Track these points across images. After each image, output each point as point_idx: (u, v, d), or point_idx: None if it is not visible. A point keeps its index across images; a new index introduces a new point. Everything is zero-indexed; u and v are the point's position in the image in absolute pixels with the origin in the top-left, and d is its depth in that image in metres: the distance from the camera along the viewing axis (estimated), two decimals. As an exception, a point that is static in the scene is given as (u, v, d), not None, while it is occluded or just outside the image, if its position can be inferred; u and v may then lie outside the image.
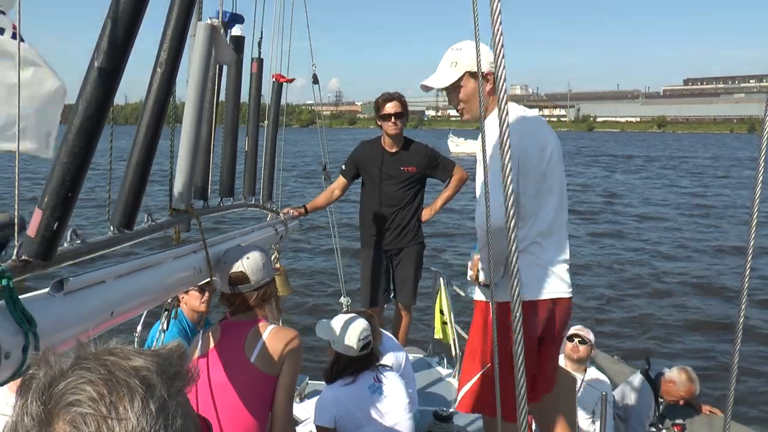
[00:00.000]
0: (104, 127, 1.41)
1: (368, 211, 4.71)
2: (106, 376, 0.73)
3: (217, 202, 2.92)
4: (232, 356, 2.43)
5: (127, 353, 0.78)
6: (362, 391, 2.93)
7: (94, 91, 1.34)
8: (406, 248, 4.69)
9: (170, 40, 1.73)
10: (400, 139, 4.61)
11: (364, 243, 4.79)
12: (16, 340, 1.21)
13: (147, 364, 0.76)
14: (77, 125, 1.34)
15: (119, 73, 1.36)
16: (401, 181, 4.57)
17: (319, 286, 10.88)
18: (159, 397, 0.74)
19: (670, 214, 20.50)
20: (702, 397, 4.99)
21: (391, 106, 4.50)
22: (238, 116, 2.99)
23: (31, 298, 1.37)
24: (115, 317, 1.64)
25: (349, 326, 3.00)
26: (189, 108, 2.18)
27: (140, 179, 1.75)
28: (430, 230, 5.66)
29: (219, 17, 2.46)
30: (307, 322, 8.44)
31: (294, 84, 4.20)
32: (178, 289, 2.16)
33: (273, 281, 2.57)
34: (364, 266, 4.80)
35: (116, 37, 1.34)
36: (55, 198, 1.34)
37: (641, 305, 10.28)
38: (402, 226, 4.63)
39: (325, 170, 5.17)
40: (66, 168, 1.34)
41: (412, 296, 4.77)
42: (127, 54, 1.37)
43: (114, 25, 1.33)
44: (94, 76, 1.34)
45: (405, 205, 4.61)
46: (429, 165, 4.63)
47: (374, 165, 4.62)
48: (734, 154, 61.41)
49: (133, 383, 0.73)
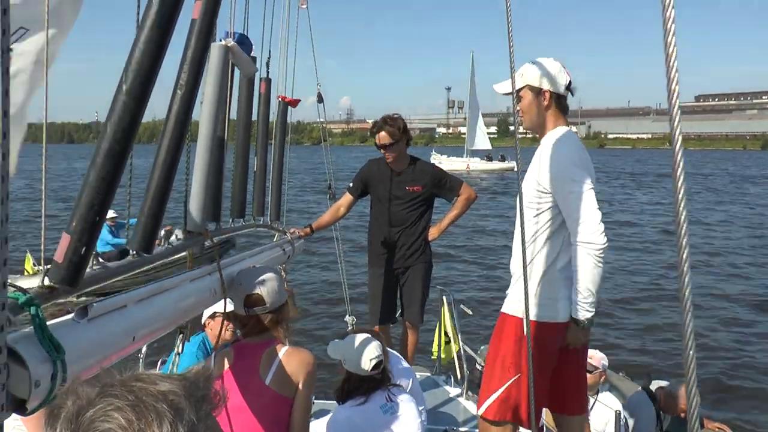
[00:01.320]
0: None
1: (376, 230, 4.70)
2: (134, 402, 0.72)
3: (229, 222, 2.91)
4: (247, 378, 2.40)
5: (153, 378, 0.78)
6: (374, 411, 2.91)
7: (122, 114, 1.33)
8: (413, 267, 4.68)
9: (190, 62, 1.73)
10: (402, 160, 4.59)
11: (372, 262, 4.78)
12: (45, 368, 1.19)
13: (174, 389, 0.76)
14: (105, 148, 1.33)
15: (147, 96, 1.36)
16: (407, 201, 4.57)
17: (324, 304, 10.84)
18: (188, 421, 0.74)
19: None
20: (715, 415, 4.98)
21: (380, 138, 4.49)
22: (249, 137, 2.99)
23: (57, 324, 1.35)
24: (137, 342, 1.63)
25: (361, 345, 2.98)
26: (203, 130, 2.17)
27: (160, 202, 1.74)
28: (437, 247, 5.68)
29: (232, 38, 2.46)
30: (313, 341, 8.39)
31: (305, 102, 4.21)
32: (195, 311, 2.14)
33: (286, 303, 2.56)
34: (371, 285, 4.79)
35: (143, 61, 1.34)
36: (83, 222, 1.32)
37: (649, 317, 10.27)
38: (409, 245, 4.62)
39: (330, 189, 5.17)
40: (95, 192, 1.33)
41: (419, 315, 4.75)
42: (155, 77, 1.36)
43: (142, 49, 1.34)
44: (122, 99, 1.34)
45: (412, 225, 4.60)
46: (435, 185, 4.62)
47: (381, 184, 4.61)
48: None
49: (161, 408, 0.72)
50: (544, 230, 2.72)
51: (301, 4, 4.41)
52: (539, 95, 2.79)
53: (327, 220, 4.83)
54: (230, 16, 2.68)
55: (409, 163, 4.62)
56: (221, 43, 2.20)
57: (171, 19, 1.37)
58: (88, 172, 1.35)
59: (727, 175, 54.12)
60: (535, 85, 2.79)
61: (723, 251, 16.53)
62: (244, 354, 2.46)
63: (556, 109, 2.81)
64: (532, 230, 2.72)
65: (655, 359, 8.47)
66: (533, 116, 2.83)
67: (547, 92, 2.78)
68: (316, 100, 5.03)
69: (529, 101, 2.82)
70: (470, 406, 4.42)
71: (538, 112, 2.81)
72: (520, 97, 2.84)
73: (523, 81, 2.81)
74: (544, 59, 2.85)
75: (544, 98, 2.79)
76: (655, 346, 8.97)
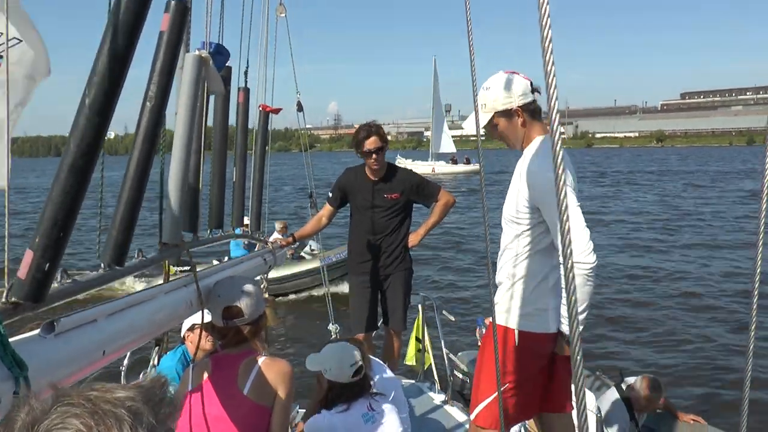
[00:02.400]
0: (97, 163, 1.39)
1: (355, 239, 4.71)
2: (91, 409, 0.72)
3: (207, 233, 2.90)
4: (225, 389, 2.39)
5: (108, 387, 0.78)
6: (356, 419, 2.91)
7: (85, 129, 1.31)
8: (393, 274, 4.68)
9: (159, 74, 1.72)
10: (383, 168, 4.61)
11: (353, 270, 4.78)
12: (6, 386, 1.17)
13: (130, 395, 0.76)
14: (69, 163, 1.31)
15: (110, 110, 1.34)
16: (386, 209, 4.58)
17: (307, 313, 10.80)
18: (147, 424, 0.74)
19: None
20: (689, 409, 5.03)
21: (371, 142, 4.49)
22: (227, 147, 2.98)
23: (21, 341, 1.34)
24: (107, 356, 1.61)
25: (340, 353, 3.00)
26: (178, 141, 2.16)
27: (131, 214, 1.73)
28: (416, 254, 5.74)
29: (206, 48, 2.45)
30: (296, 350, 8.35)
31: (293, 108, 4.22)
32: (170, 323, 2.13)
33: (265, 314, 2.55)
34: (353, 293, 4.78)
35: (106, 75, 1.32)
36: (46, 239, 1.30)
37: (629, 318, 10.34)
38: (389, 252, 4.63)
39: (312, 198, 5.16)
40: (57, 208, 1.31)
41: (402, 322, 4.76)
42: (118, 91, 1.35)
43: (105, 62, 1.32)
44: (84, 113, 1.32)
45: (391, 232, 4.61)
46: (413, 191, 4.64)
47: (360, 193, 4.63)
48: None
49: (119, 412, 0.72)
50: (534, 244, 2.69)
51: (279, 12, 4.41)
52: (512, 116, 2.75)
53: (309, 230, 4.83)
54: (206, 26, 2.68)
55: (387, 171, 4.64)
56: (195, 54, 2.19)
57: (134, 33, 1.35)
58: (52, 187, 1.33)
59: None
60: (503, 109, 2.74)
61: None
62: (222, 365, 2.45)
63: (531, 120, 2.78)
64: (523, 242, 2.70)
65: (626, 356, 8.58)
66: (516, 137, 2.79)
67: (518, 109, 2.74)
68: (296, 108, 5.04)
69: (504, 126, 2.78)
70: (454, 413, 4.41)
71: (517, 131, 2.77)
72: (495, 125, 2.79)
73: (491, 110, 2.75)
74: (495, 78, 2.78)
75: (518, 116, 2.75)
76: (624, 346, 9.05)
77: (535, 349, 2.77)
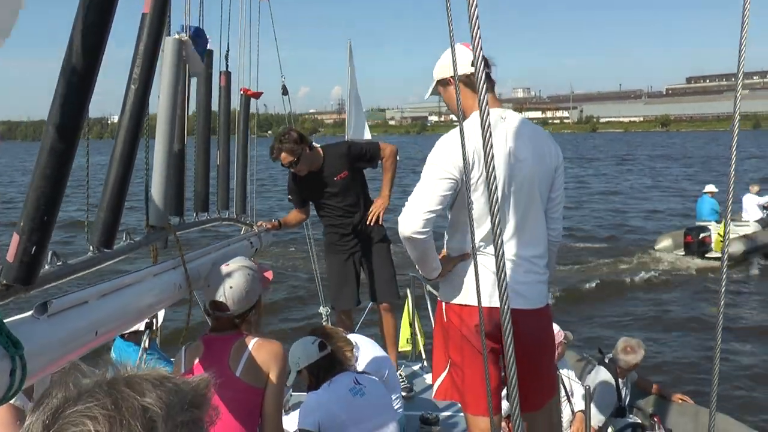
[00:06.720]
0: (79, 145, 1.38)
1: (326, 224, 4.70)
2: (112, 413, 0.72)
3: (193, 217, 2.91)
4: (217, 371, 2.40)
5: (143, 387, 0.77)
6: (343, 392, 2.94)
7: (63, 111, 1.30)
8: (371, 248, 4.63)
9: (142, 57, 1.72)
10: (316, 160, 4.48)
11: (328, 250, 4.77)
12: (2, 365, 1.19)
13: (156, 407, 0.75)
14: (48, 147, 1.30)
15: (88, 92, 1.33)
16: (341, 190, 4.52)
17: (298, 297, 10.84)
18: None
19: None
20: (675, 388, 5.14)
21: (284, 159, 4.37)
22: (210, 130, 2.98)
23: (15, 321, 1.35)
24: (99, 337, 1.63)
25: (298, 344, 3.10)
26: (161, 124, 2.17)
27: (118, 197, 1.74)
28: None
29: (186, 32, 2.44)
30: (288, 331, 8.39)
31: (298, 93, 4.18)
32: (159, 305, 2.14)
33: (258, 303, 2.55)
34: (331, 272, 4.77)
35: (83, 56, 1.31)
36: (31, 222, 1.31)
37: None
38: (361, 227, 4.58)
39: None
40: (40, 192, 1.31)
41: (395, 294, 4.69)
42: (95, 73, 1.32)
43: (81, 43, 1.30)
44: (61, 95, 1.30)
45: (354, 209, 4.56)
46: (356, 161, 4.55)
47: (310, 189, 4.58)
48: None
49: (134, 426, 0.72)
50: (452, 220, 2.76)
51: (260, -5, 4.37)
52: (447, 85, 2.80)
53: (292, 222, 4.81)
54: (185, 9, 2.66)
55: (325, 155, 4.52)
56: (175, 37, 2.19)
57: (108, 11, 1.32)
58: (34, 171, 1.33)
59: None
60: (440, 78, 2.80)
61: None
62: (214, 347, 2.46)
63: (469, 91, 2.73)
64: (449, 219, 2.77)
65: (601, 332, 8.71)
66: (453, 106, 2.80)
67: (450, 78, 2.74)
68: (281, 92, 5.02)
69: (444, 94, 2.85)
70: None
71: (452, 100, 2.80)
72: (440, 95, 2.89)
73: (434, 79, 2.84)
74: (447, 50, 2.72)
75: (451, 85, 2.77)
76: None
77: (467, 322, 2.64)
